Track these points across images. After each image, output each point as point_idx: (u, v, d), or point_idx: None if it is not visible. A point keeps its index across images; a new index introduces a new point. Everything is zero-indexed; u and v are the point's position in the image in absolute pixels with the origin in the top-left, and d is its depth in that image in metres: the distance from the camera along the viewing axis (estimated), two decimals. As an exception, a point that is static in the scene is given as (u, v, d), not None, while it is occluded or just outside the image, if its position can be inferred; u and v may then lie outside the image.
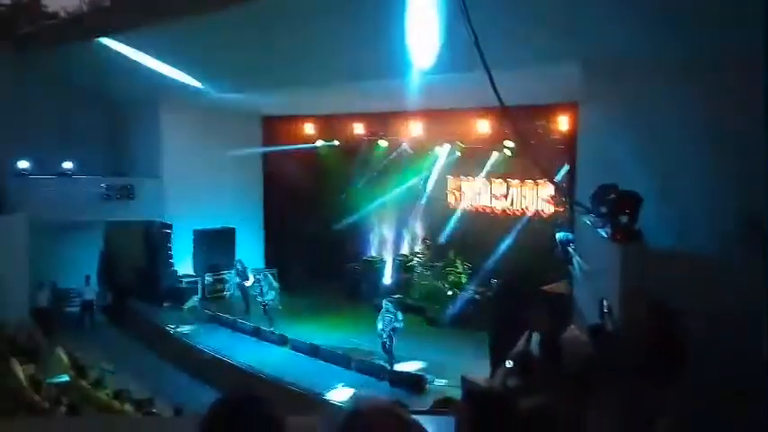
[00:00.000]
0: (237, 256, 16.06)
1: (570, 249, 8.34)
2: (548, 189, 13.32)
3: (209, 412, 1.60)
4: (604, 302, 5.64)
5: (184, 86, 14.02)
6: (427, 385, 10.14)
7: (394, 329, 10.98)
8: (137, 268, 15.98)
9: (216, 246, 16.15)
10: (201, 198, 15.80)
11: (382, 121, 15.42)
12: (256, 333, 13.16)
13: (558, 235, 9.14)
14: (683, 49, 7.24)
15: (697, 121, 7.17)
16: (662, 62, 7.52)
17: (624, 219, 5.79)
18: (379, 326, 11.07)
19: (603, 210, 6.17)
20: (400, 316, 11.05)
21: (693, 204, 6.98)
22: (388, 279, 15.78)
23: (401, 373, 10.58)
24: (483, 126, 13.21)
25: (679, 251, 5.96)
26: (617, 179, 6.80)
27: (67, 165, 15.42)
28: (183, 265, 15.99)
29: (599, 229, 6.34)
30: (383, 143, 15.96)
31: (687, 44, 7.15)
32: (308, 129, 16.79)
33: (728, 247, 6.23)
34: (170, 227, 15.54)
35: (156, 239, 15.65)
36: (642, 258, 5.21)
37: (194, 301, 15.31)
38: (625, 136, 8.05)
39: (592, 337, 5.47)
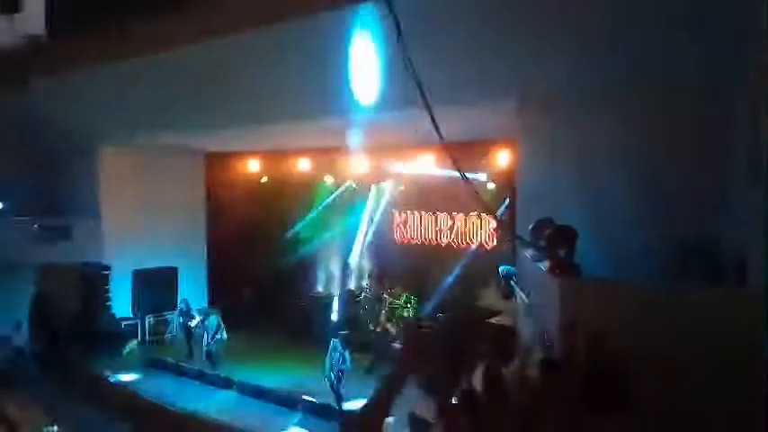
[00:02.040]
0: (180, 296, 15.64)
1: (512, 283, 8.49)
2: (491, 223, 13.59)
3: None
4: (545, 335, 5.74)
5: (123, 125, 13.75)
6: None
7: (342, 371, 10.85)
8: (72, 312, 15.28)
9: (157, 286, 15.70)
10: (142, 238, 15.39)
11: (327, 157, 15.52)
12: (200, 376, 12.75)
13: (501, 268, 9.30)
14: (614, 82, 7.64)
15: (630, 152, 7.53)
16: (595, 97, 7.89)
17: (562, 252, 5.95)
18: (327, 365, 10.92)
19: (542, 244, 6.33)
20: (348, 355, 10.93)
21: (629, 235, 7.27)
22: (335, 315, 15.62)
23: (350, 411, 10.42)
24: (427, 161, 13.51)
25: (615, 282, 6.15)
26: (555, 213, 7.02)
27: (-2, 205, 14.79)
28: (123, 307, 15.43)
29: (538, 263, 6.49)
30: (328, 179, 16.02)
31: (620, 78, 7.55)
32: (253, 166, 16.72)
33: (663, 276, 6.50)
34: (108, 268, 15.03)
35: (92, 281, 15.07)
36: (579, 291, 5.34)
37: (133, 344, 14.77)
38: (561, 170, 8.36)
39: (540, 369, 5.54)
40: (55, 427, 10.63)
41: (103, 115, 13.52)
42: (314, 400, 10.93)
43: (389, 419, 8.52)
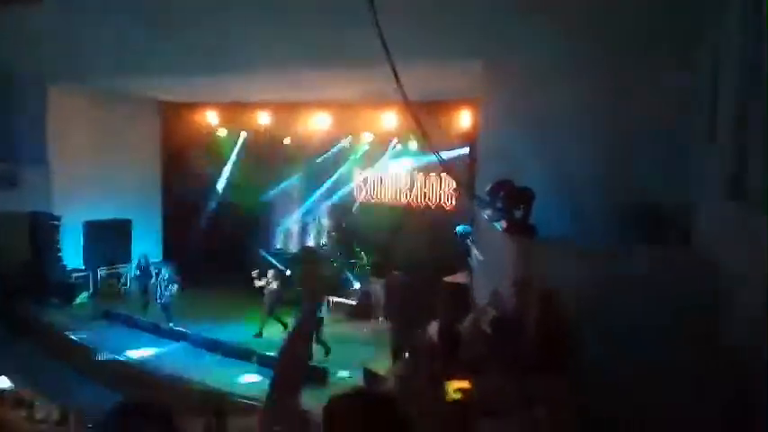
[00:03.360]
0: (134, 248, 15.36)
1: (469, 242, 8.61)
2: (451, 182, 13.68)
3: (106, 420, 1.60)
4: (499, 292, 5.87)
5: (73, 65, 13.12)
6: (329, 377, 10.14)
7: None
8: (20, 263, 14.81)
9: (109, 238, 15.37)
10: (94, 188, 14.91)
11: (288, 111, 15.21)
12: (154, 330, 12.63)
13: (458, 228, 9.42)
14: (576, 48, 7.70)
15: (589, 116, 7.65)
16: (558, 61, 7.94)
17: (518, 213, 6.04)
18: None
19: (499, 204, 6.42)
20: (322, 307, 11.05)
21: (587, 198, 7.44)
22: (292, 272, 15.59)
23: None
24: (389, 119, 13.40)
25: (569, 244, 6.31)
26: (515, 174, 7.11)
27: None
28: (74, 258, 15.05)
29: (495, 223, 6.59)
30: (288, 134, 15.76)
31: (582, 44, 7.61)
32: (211, 117, 16.28)
33: (616, 239, 6.70)
34: (58, 218, 14.56)
35: (41, 231, 14.60)
36: (533, 251, 5.46)
37: (84, 296, 14.48)
38: (522, 132, 8.43)
39: (492, 327, 5.68)
40: (3, 379, 10.43)
41: (52, 54, 12.88)
42: (267, 353, 10.96)
43: (344, 373, 8.68)
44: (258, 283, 12.89)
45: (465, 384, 3.80)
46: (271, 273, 12.90)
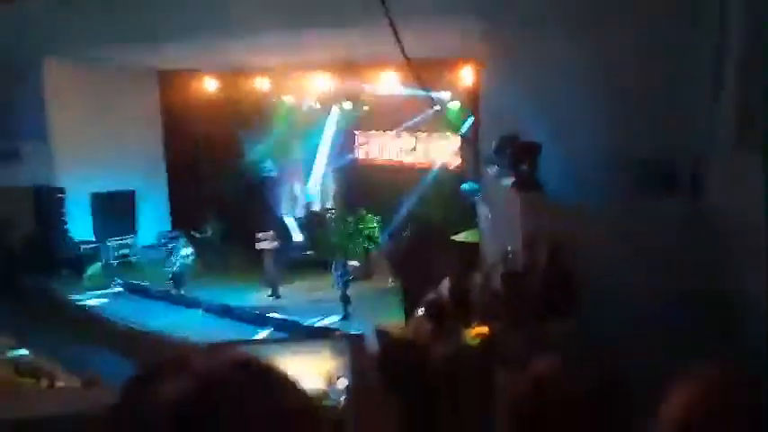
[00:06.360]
0: (139, 219, 15.41)
1: (475, 199, 8.63)
2: (455, 141, 13.59)
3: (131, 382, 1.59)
4: (508, 248, 5.92)
5: (68, 37, 12.94)
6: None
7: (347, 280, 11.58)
8: (27, 237, 14.94)
9: (116, 210, 15.41)
10: (96, 159, 14.87)
11: (287, 75, 15.03)
12: (168, 298, 12.80)
13: (464, 186, 9.42)
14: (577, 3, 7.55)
15: (595, 73, 7.53)
16: (558, 17, 7.79)
17: (524, 167, 6.05)
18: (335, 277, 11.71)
19: (505, 160, 6.42)
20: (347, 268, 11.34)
21: (590, 151, 7.39)
22: (298, 237, 15.64)
23: (314, 327, 10.71)
24: (390, 80, 13.24)
25: (574, 199, 6.33)
26: (518, 131, 7.06)
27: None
28: (82, 231, 15.15)
29: (501, 179, 6.60)
30: (289, 98, 15.61)
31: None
32: (210, 85, 16.10)
33: (620, 195, 6.71)
34: (63, 191, 14.61)
35: (47, 205, 14.67)
36: (540, 206, 5.49)
37: (96, 267, 14.62)
38: (525, 89, 8.34)
39: (502, 283, 5.75)
40: (23, 350, 10.60)
41: (48, 26, 12.70)
42: (282, 316, 11.15)
43: (354, 332, 8.71)
44: (259, 245, 12.84)
45: (483, 330, 3.89)
46: (269, 233, 12.86)
